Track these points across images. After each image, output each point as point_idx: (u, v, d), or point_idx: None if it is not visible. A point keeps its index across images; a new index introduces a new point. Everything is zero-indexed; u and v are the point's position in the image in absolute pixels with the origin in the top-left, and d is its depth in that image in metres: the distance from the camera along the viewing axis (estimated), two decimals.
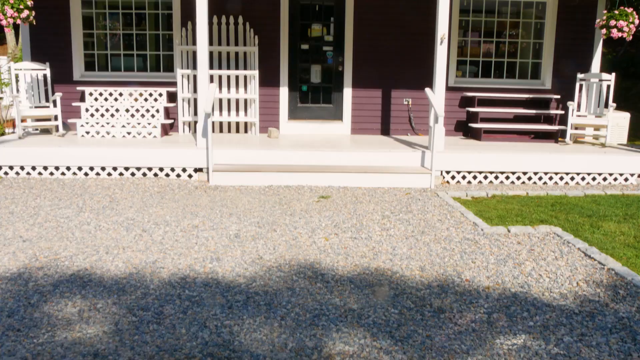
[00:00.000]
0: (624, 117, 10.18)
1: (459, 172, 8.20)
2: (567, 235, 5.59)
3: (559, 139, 9.56)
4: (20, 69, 9.03)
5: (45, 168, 7.97)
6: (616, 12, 8.17)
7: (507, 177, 8.24)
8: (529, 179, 8.27)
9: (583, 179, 8.32)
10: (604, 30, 8.30)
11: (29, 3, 7.93)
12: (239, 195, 7.15)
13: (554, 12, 9.94)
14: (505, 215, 6.37)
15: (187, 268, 4.60)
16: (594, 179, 8.33)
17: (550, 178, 8.29)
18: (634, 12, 8.22)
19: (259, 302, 3.97)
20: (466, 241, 5.43)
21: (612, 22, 8.16)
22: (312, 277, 4.46)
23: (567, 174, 8.28)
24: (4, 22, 7.88)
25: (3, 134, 9.95)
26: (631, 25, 8.16)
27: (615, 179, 8.36)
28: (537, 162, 8.17)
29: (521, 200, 7.16)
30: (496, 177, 8.24)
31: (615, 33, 8.18)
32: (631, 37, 8.37)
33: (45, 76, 9.37)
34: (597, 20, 8.46)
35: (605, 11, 8.48)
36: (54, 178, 7.90)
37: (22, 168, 7.97)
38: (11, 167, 7.97)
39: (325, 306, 3.93)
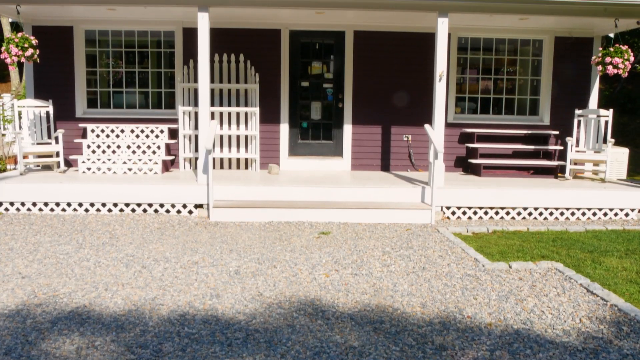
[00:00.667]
0: (623, 153, 10.23)
1: (459, 208, 8.20)
2: (569, 270, 5.56)
3: (559, 175, 9.59)
4: (24, 106, 9.12)
5: (45, 204, 7.98)
6: (611, 49, 8.29)
7: (508, 213, 8.24)
8: (530, 214, 8.27)
9: (583, 214, 8.32)
10: (600, 67, 8.41)
11: (34, 42, 8.06)
12: (239, 231, 7.14)
13: (550, 50, 10.10)
14: (506, 251, 6.35)
15: (186, 305, 4.56)
16: (594, 214, 8.33)
17: (551, 213, 8.28)
18: (629, 50, 8.34)
19: (258, 340, 3.93)
20: (467, 277, 5.40)
21: (608, 59, 8.27)
22: (312, 314, 4.42)
23: (567, 209, 8.28)
24: (8, 60, 8.00)
25: (5, 170, 9.99)
26: (626, 62, 8.27)
27: (616, 214, 8.35)
28: (537, 197, 8.19)
29: (522, 236, 7.14)
30: (496, 213, 8.24)
31: (611, 70, 8.29)
32: (627, 74, 8.48)
33: (48, 113, 9.46)
34: (593, 57, 8.58)
35: (600, 48, 8.61)
36: (54, 214, 7.91)
37: (22, 204, 7.98)
38: (12, 203, 7.98)
39: (326, 343, 3.88)
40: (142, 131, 9.56)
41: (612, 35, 10.01)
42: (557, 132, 10.05)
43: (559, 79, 10.17)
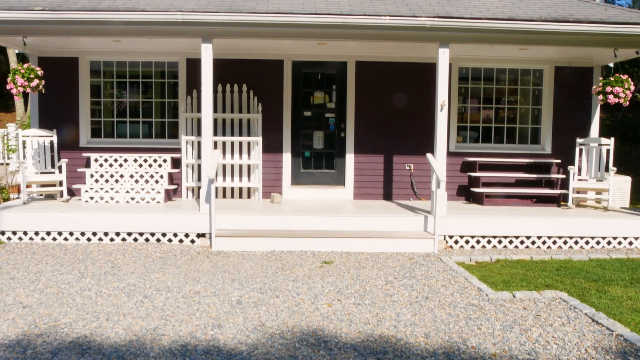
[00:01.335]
0: (625, 181, 10.23)
1: (462, 237, 8.17)
2: (574, 300, 5.52)
3: (561, 203, 9.58)
4: (28, 136, 9.19)
5: (48, 233, 7.98)
6: (612, 78, 8.36)
7: (511, 242, 8.21)
8: (533, 243, 8.23)
9: (587, 242, 8.28)
10: (600, 97, 8.47)
11: (39, 72, 8.16)
12: (242, 260, 7.11)
13: (551, 79, 10.19)
14: (510, 280, 6.31)
15: (188, 335, 4.53)
16: (598, 242, 8.29)
17: (554, 242, 8.25)
18: (629, 79, 8.40)
19: None
20: (471, 307, 5.35)
21: (608, 89, 8.33)
22: (315, 344, 4.38)
23: (570, 237, 8.25)
24: (14, 91, 8.08)
25: (8, 199, 10.01)
26: (627, 92, 8.32)
27: (620, 243, 8.31)
28: (540, 226, 8.16)
29: (525, 265, 7.10)
30: (499, 242, 8.21)
31: (611, 99, 8.34)
32: (628, 103, 8.53)
33: (52, 142, 9.52)
34: (594, 87, 8.65)
35: (600, 78, 8.68)
36: (56, 243, 7.90)
37: (25, 233, 7.98)
38: (14, 233, 7.98)
39: None
40: (145, 160, 9.61)
41: (611, 64, 10.11)
42: (559, 161, 10.07)
43: (560, 108, 10.24)
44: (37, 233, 7.98)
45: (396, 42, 8.42)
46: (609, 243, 8.31)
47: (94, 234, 8.00)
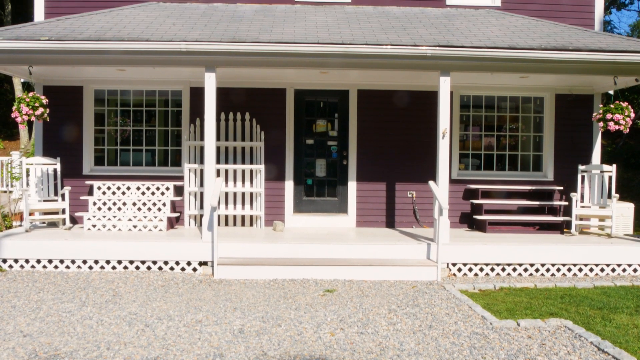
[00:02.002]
0: (628, 208, 10.21)
1: (465, 264, 8.13)
2: (579, 328, 5.46)
3: (565, 230, 9.54)
4: (32, 164, 9.24)
5: (50, 261, 7.97)
6: (612, 106, 8.40)
7: (514, 269, 8.16)
8: (536, 270, 8.18)
9: (591, 270, 8.23)
10: (601, 124, 8.51)
11: (44, 101, 8.23)
12: (244, 289, 7.08)
13: (552, 107, 10.25)
14: (514, 308, 6.26)
15: None
16: (602, 270, 8.24)
17: (558, 269, 8.20)
18: (629, 106, 8.45)
19: None
20: (475, 335, 5.30)
21: (609, 116, 8.37)
22: None
23: (574, 265, 8.21)
24: (19, 119, 8.15)
25: (10, 227, 10.02)
26: (627, 119, 8.36)
27: (624, 270, 8.26)
28: (544, 253, 8.13)
29: (529, 293, 7.05)
30: (503, 269, 8.16)
31: (612, 126, 8.37)
32: (628, 130, 8.56)
33: (55, 170, 9.56)
34: (594, 114, 8.69)
35: (601, 105, 8.73)
36: (58, 271, 7.87)
37: (27, 261, 7.96)
38: (16, 260, 7.97)
39: None
40: (148, 188, 9.64)
41: (611, 92, 10.19)
42: (561, 188, 10.07)
43: (561, 135, 10.27)
44: (38, 261, 7.97)
45: (398, 70, 8.50)
46: (613, 270, 8.26)
47: (96, 261, 7.98)
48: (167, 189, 9.64)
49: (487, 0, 10.43)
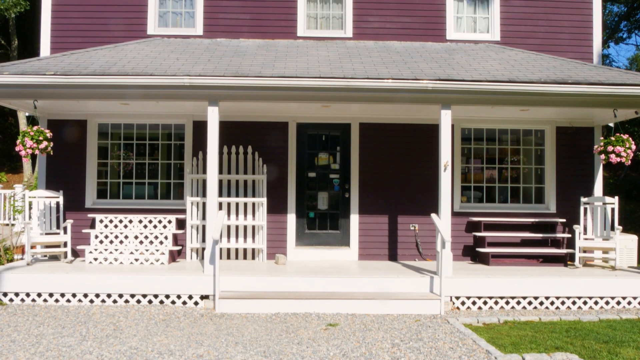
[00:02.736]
0: (632, 240, 10.16)
1: (469, 298, 8.07)
2: None
3: (568, 263, 9.49)
4: (35, 197, 9.26)
5: (50, 295, 7.92)
6: (612, 138, 8.44)
7: (518, 302, 8.09)
8: (541, 303, 8.11)
9: (596, 303, 8.16)
10: (602, 156, 8.53)
11: (48, 135, 8.29)
12: (246, 323, 7.01)
13: (552, 139, 10.29)
14: (519, 342, 6.18)
15: None
16: (607, 302, 8.16)
17: (563, 303, 8.13)
18: (630, 138, 8.48)
19: None
20: None
21: (610, 148, 8.40)
22: None
23: (579, 298, 8.14)
24: (23, 153, 8.19)
25: (12, 260, 9.99)
26: (628, 151, 8.39)
27: (629, 303, 8.18)
28: (548, 286, 8.07)
29: (534, 326, 6.97)
30: (507, 303, 8.09)
31: (613, 158, 8.40)
32: (630, 162, 8.58)
33: (58, 203, 9.58)
34: (595, 147, 8.72)
35: (602, 137, 8.77)
36: (58, 305, 7.82)
37: (27, 295, 7.92)
38: (17, 294, 7.92)
39: None
40: (150, 221, 9.63)
41: (612, 124, 10.24)
42: (564, 220, 10.05)
43: (563, 168, 10.30)
44: (39, 294, 7.92)
45: (399, 104, 8.57)
46: (618, 303, 8.18)
47: (97, 295, 7.93)
48: (169, 222, 9.63)
49: (487, 34, 10.57)
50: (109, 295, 7.93)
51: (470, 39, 10.54)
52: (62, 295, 7.92)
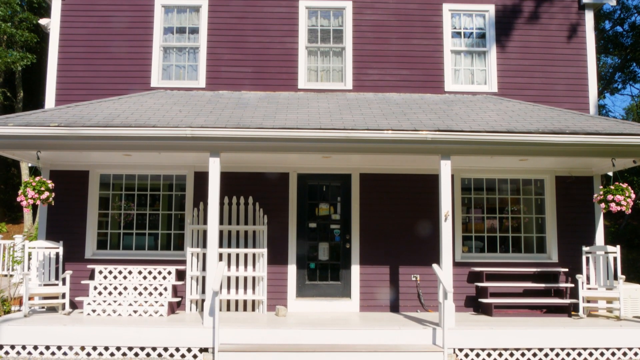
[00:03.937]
0: (636, 289, 10.06)
1: (472, 350, 7.93)
2: None
3: (572, 313, 9.37)
4: (34, 247, 9.23)
5: (47, 347, 7.80)
6: (612, 187, 8.47)
7: (523, 354, 7.95)
8: (546, 355, 7.97)
9: (602, 354, 8.01)
10: (602, 205, 8.54)
11: (50, 185, 8.33)
12: None
13: (552, 188, 10.32)
14: None
15: None
16: (613, 354, 8.02)
17: (568, 354, 7.99)
18: (629, 187, 8.51)
19: None
20: None
21: (610, 197, 8.41)
22: None
23: (584, 349, 8.00)
24: (24, 203, 8.21)
25: (9, 311, 9.87)
26: (628, 199, 8.40)
27: (636, 354, 8.04)
28: (552, 337, 7.94)
29: None
30: (511, 354, 7.95)
31: (614, 207, 8.40)
32: (630, 210, 8.59)
33: (57, 254, 9.54)
34: (595, 196, 8.74)
35: (601, 186, 8.80)
36: (55, 358, 7.68)
37: (23, 347, 7.79)
38: (12, 347, 7.80)
39: None
40: (150, 272, 9.57)
41: (610, 173, 10.28)
42: (566, 269, 9.98)
43: (563, 217, 10.29)
44: (36, 347, 7.80)
45: (399, 154, 8.64)
46: (624, 354, 8.04)
47: (94, 348, 7.80)
48: (169, 273, 9.57)
49: (484, 86, 10.75)
50: (106, 348, 7.80)
51: (468, 91, 10.71)
52: (59, 348, 7.80)
